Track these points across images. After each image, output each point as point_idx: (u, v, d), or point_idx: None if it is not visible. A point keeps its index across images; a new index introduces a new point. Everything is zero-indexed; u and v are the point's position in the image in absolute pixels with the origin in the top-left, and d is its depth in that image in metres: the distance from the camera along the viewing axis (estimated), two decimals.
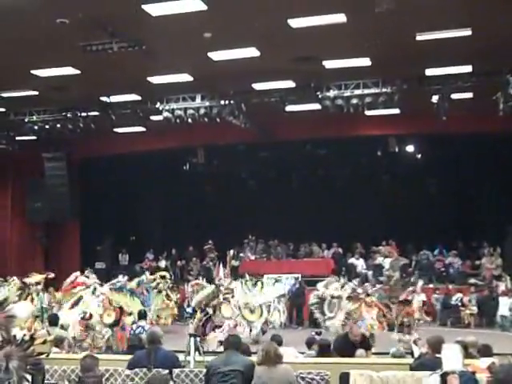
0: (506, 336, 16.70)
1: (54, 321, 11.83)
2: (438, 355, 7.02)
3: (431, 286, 21.03)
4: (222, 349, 7.90)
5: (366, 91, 17.06)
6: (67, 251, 25.89)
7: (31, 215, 25.47)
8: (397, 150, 22.43)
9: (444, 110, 17.27)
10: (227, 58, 15.47)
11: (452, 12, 12.97)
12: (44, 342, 4.81)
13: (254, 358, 7.11)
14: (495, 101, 16.28)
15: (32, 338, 3.89)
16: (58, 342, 9.74)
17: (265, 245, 24.65)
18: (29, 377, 4.00)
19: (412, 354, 10.51)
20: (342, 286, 15.01)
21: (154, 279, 18.09)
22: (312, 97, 17.96)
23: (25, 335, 4.04)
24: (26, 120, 20.13)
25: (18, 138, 21.89)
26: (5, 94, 18.47)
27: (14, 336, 4.04)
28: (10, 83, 17.33)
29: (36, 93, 18.42)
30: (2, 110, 20.13)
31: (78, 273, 16.48)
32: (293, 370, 7.01)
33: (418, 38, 14.25)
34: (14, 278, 15.79)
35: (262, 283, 17.01)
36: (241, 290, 15.78)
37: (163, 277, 18.73)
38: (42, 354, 4.45)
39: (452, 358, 6.01)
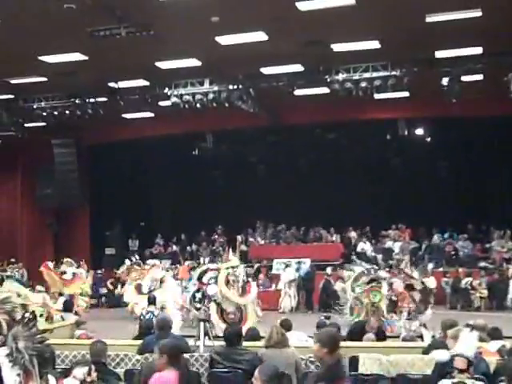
0: None
1: (68, 307, 11.97)
2: None
3: (441, 269, 20.99)
4: None
5: (375, 74, 16.93)
6: (77, 237, 26.04)
7: (41, 201, 25.58)
8: (406, 133, 22.29)
9: (454, 92, 17.15)
10: (235, 42, 15.37)
11: None
12: (46, 331, 4.82)
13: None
14: (506, 83, 16.13)
15: (35, 317, 3.92)
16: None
17: (274, 229, 24.65)
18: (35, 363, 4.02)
19: (422, 337, 10.49)
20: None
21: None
22: (321, 80, 17.86)
23: (29, 314, 4.07)
24: (35, 106, 20.13)
25: (26, 125, 21.88)
26: (13, 81, 18.47)
27: (22, 316, 4.07)
28: (18, 70, 17.30)
29: (44, 79, 18.39)
30: (11, 96, 20.14)
31: None
32: (298, 352, 7.06)
33: (428, 19, 14.11)
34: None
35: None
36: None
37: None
38: (45, 331, 4.49)
39: (466, 343, 6.05)
